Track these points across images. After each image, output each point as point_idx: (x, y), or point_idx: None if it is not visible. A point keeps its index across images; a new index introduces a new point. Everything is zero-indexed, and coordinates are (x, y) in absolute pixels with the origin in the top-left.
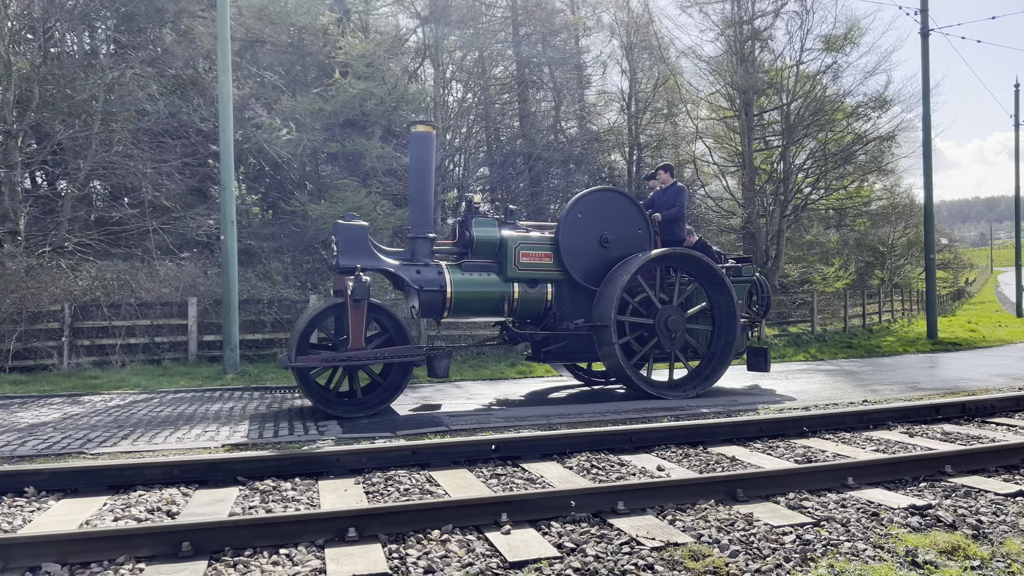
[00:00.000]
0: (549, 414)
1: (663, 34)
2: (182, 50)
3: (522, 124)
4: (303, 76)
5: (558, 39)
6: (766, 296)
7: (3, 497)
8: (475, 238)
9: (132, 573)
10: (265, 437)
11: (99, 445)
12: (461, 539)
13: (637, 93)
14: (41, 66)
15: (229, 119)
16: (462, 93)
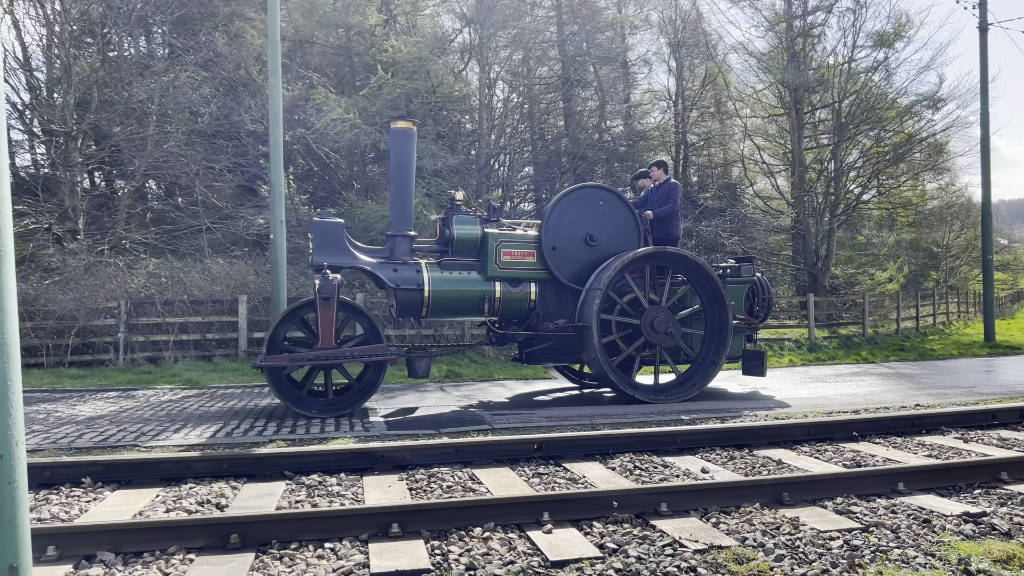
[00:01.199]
0: (592, 414)
1: (711, 30)
2: (233, 52)
3: (567, 123)
4: (350, 77)
5: (603, 37)
6: (767, 298)
7: (61, 487)
8: (455, 236)
9: (183, 563)
10: (312, 433)
11: (152, 438)
12: (503, 537)
13: (684, 91)
14: (99, 69)
15: (279, 120)
16: (507, 93)
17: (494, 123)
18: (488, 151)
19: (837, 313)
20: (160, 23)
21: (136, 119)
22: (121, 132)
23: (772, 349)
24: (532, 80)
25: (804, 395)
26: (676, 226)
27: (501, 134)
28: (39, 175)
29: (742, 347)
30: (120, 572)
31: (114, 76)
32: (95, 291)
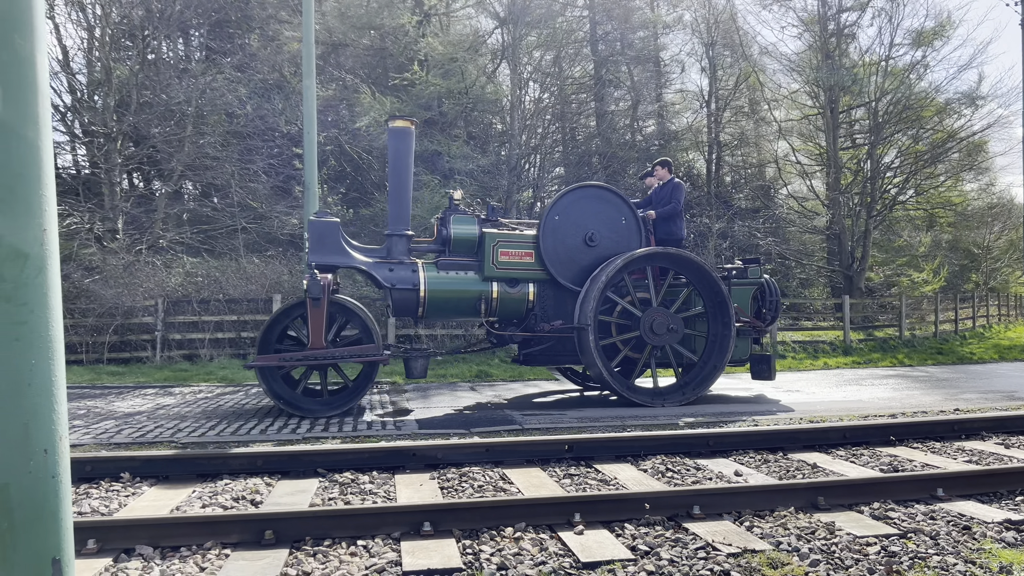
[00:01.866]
0: (623, 415)
1: (745, 31)
2: (269, 55)
3: (598, 123)
4: (383, 78)
5: (636, 37)
6: (774, 300)
7: (101, 482)
8: (452, 235)
9: (219, 558)
10: (344, 431)
11: (188, 435)
12: (534, 537)
13: (717, 91)
14: (139, 72)
15: (313, 121)
16: (538, 93)
17: (525, 123)
18: (519, 152)
19: (873, 315)
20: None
21: (174, 121)
22: (159, 133)
23: (806, 351)
24: (564, 80)
25: (838, 398)
26: (680, 226)
27: (532, 135)
28: (80, 176)
29: (748, 350)
30: (158, 566)
31: (153, 78)
32: (133, 289)
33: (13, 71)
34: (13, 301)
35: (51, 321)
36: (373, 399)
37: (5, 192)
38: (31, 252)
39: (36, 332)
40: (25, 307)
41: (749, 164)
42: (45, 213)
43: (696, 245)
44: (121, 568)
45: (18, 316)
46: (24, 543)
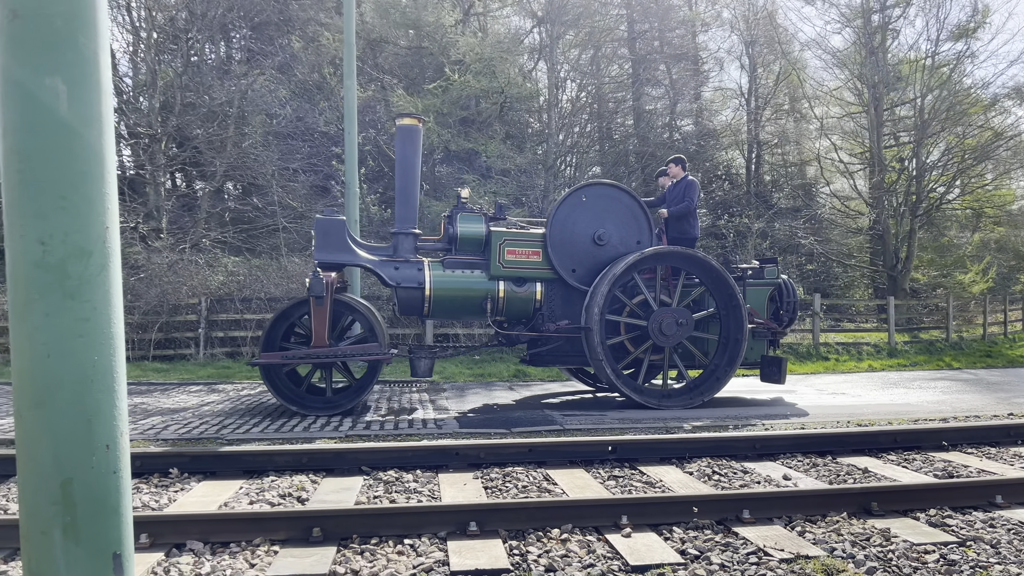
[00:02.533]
0: (665, 417)
1: (785, 27)
2: (309, 56)
3: (636, 122)
4: (420, 78)
5: (674, 35)
6: (792, 302)
7: (151, 477)
8: (459, 234)
9: (267, 554)
10: (386, 429)
11: (234, 431)
12: (581, 539)
13: (757, 89)
14: (182, 74)
15: (354, 121)
16: (576, 91)
17: (562, 122)
18: (556, 151)
19: (918, 317)
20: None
21: (216, 122)
22: (202, 134)
23: (849, 353)
24: (601, 79)
25: (885, 401)
26: (693, 225)
27: (569, 133)
28: (126, 176)
29: (764, 352)
30: (208, 561)
31: (196, 80)
32: (177, 288)
33: (77, 70)
34: (77, 298)
35: (113, 318)
36: (413, 397)
37: (69, 190)
38: (94, 250)
39: (99, 329)
40: (88, 304)
41: (790, 163)
42: (107, 211)
43: (736, 245)
44: (173, 563)
45: (82, 313)
46: (86, 537)
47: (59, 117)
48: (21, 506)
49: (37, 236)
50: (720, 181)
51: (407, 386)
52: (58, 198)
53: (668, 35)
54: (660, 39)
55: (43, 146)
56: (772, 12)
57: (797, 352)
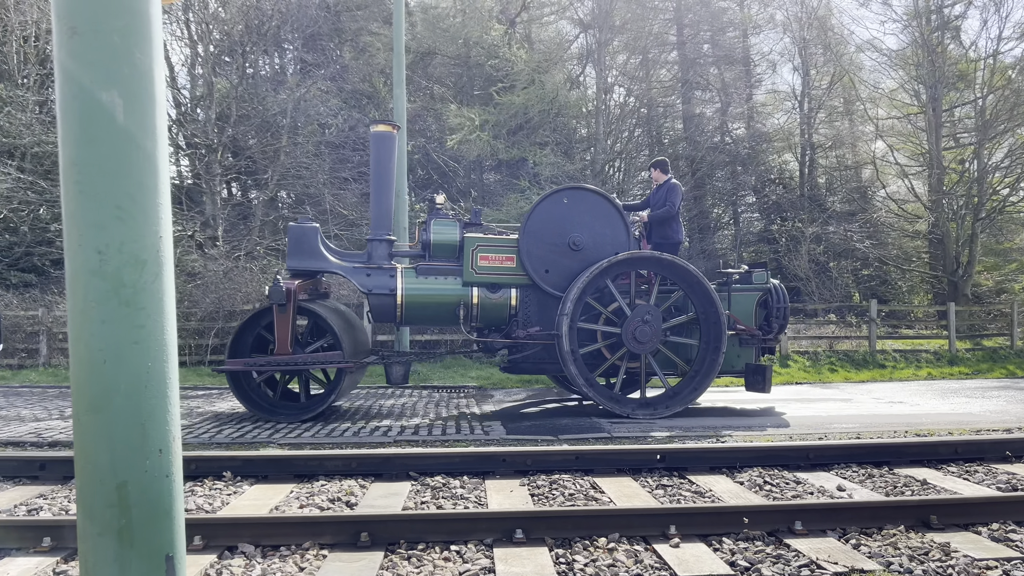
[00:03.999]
0: (716, 425)
1: (840, 28)
2: (359, 66)
3: (685, 126)
4: (469, 87)
5: (725, 38)
6: (782, 308)
7: (205, 480)
8: (432, 240)
9: (316, 558)
10: (434, 434)
11: (285, 436)
12: (628, 549)
13: (810, 91)
14: (238, 86)
15: (403, 130)
16: (623, 97)
17: (610, 128)
18: (604, 156)
19: (981, 324)
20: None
21: (270, 132)
22: (256, 144)
23: (907, 360)
24: (650, 83)
25: (945, 410)
26: (676, 230)
27: (617, 139)
28: (184, 185)
29: (752, 360)
30: (259, 564)
31: (251, 92)
32: (232, 294)
33: (134, 84)
34: (132, 306)
35: (166, 325)
36: (460, 402)
37: (126, 200)
38: (148, 258)
39: (153, 336)
40: (143, 311)
41: (844, 165)
42: (161, 221)
43: (788, 249)
44: (225, 565)
45: (136, 320)
46: (140, 539)
47: (116, 129)
48: (79, 508)
49: (94, 245)
50: (772, 185)
51: (455, 391)
52: (114, 208)
53: (718, 38)
54: (711, 42)
55: (100, 158)
56: (825, 14)
57: (853, 359)
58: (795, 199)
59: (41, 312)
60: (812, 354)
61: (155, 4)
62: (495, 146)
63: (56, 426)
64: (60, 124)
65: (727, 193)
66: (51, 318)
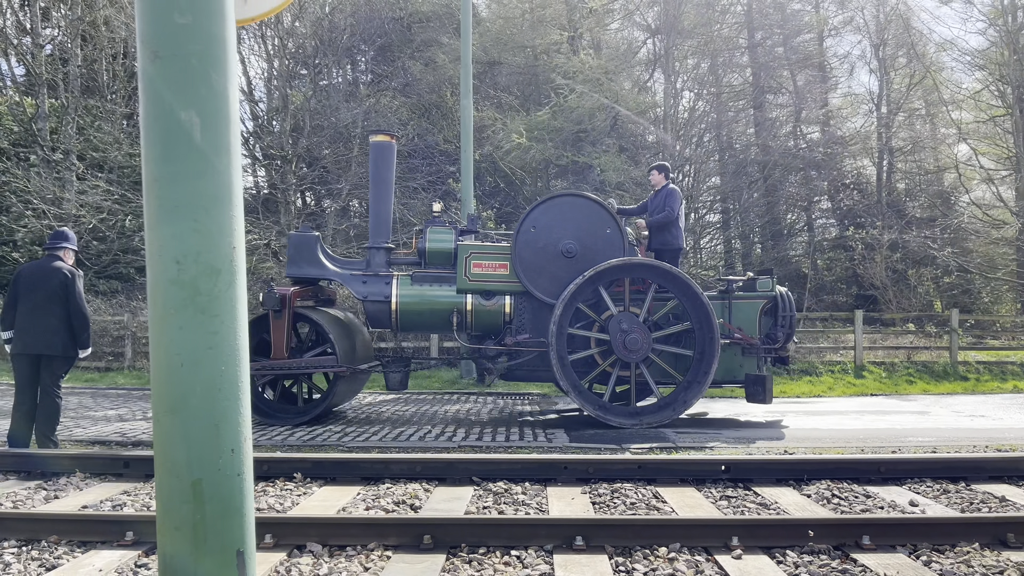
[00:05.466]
0: (783, 435)
1: (919, 28)
2: (428, 77)
3: (757, 131)
4: (536, 95)
5: (798, 40)
6: (788, 316)
7: (276, 480)
8: (427, 248)
9: (381, 559)
10: (497, 440)
11: (354, 439)
12: (689, 559)
13: (889, 93)
14: (311, 98)
15: (470, 139)
16: (693, 102)
17: (679, 134)
18: (672, 162)
19: None
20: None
21: (342, 142)
22: (329, 155)
23: (991, 372)
24: (720, 88)
25: None
26: (675, 236)
27: (686, 145)
28: (260, 195)
29: (755, 370)
30: (327, 564)
31: (324, 103)
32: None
33: (210, 104)
34: (207, 312)
35: (239, 331)
36: (523, 409)
37: (201, 214)
38: (222, 268)
39: (226, 341)
40: (217, 318)
41: (925, 170)
42: (234, 232)
43: (864, 257)
44: (294, 563)
45: (211, 326)
46: (213, 535)
47: (193, 147)
48: (158, 503)
49: (173, 256)
50: (848, 190)
51: (518, 397)
52: (191, 221)
53: (792, 41)
54: (784, 45)
55: (179, 174)
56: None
57: (932, 371)
58: (872, 205)
59: (126, 317)
60: (888, 365)
61: (230, 28)
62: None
63: (139, 426)
64: (143, 143)
65: (800, 199)
66: (135, 323)
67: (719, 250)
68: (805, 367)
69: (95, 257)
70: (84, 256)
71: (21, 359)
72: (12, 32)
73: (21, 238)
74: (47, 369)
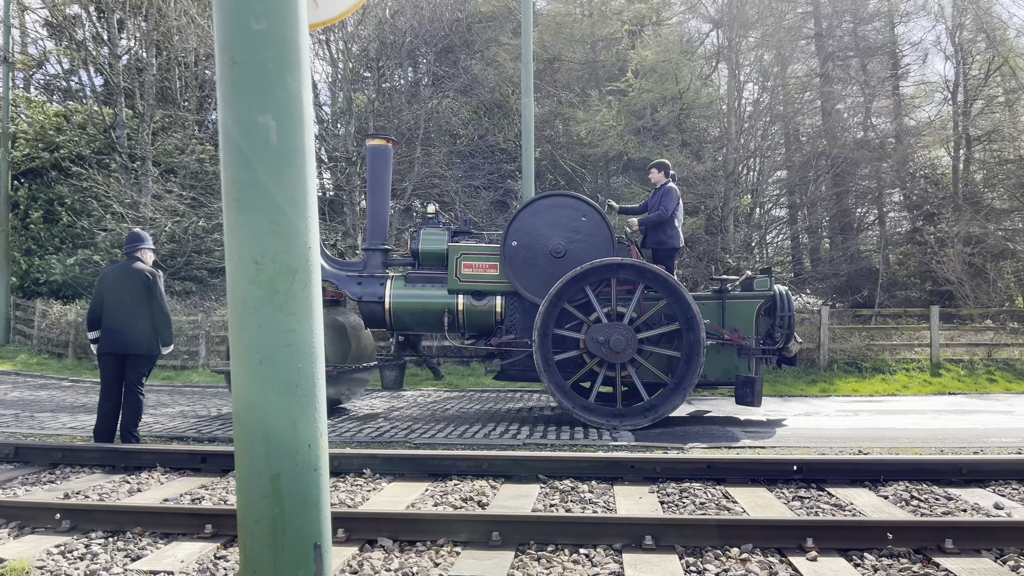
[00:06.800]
0: (857, 435)
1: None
2: (488, 76)
3: (824, 122)
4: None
5: (868, 28)
6: (785, 316)
7: (347, 476)
8: (420, 249)
9: (450, 555)
10: (562, 439)
11: (420, 436)
12: (762, 560)
13: (965, 81)
14: (375, 100)
15: (531, 137)
16: (758, 94)
17: (743, 126)
18: (737, 156)
19: None
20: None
21: (404, 143)
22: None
23: None
24: (786, 79)
25: None
26: (671, 235)
27: (751, 137)
28: (326, 197)
29: (750, 372)
30: (397, 558)
31: (387, 105)
32: None
33: (285, 108)
34: (284, 311)
35: (314, 329)
36: None
37: (278, 215)
38: (298, 267)
39: (303, 339)
40: (294, 317)
41: (1005, 160)
42: (310, 232)
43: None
44: (366, 557)
45: (288, 325)
46: (291, 528)
47: (269, 149)
48: (239, 497)
49: (252, 256)
50: (922, 181)
51: None
52: (269, 223)
53: (862, 28)
54: (853, 33)
55: (256, 176)
56: None
57: (1015, 369)
58: (947, 196)
59: (200, 317)
60: (968, 363)
61: (303, 33)
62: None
63: (214, 423)
64: (222, 147)
65: (871, 192)
66: (209, 323)
67: (786, 246)
68: (877, 365)
69: (170, 258)
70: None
71: (107, 358)
72: (91, 44)
73: (101, 241)
74: (131, 367)
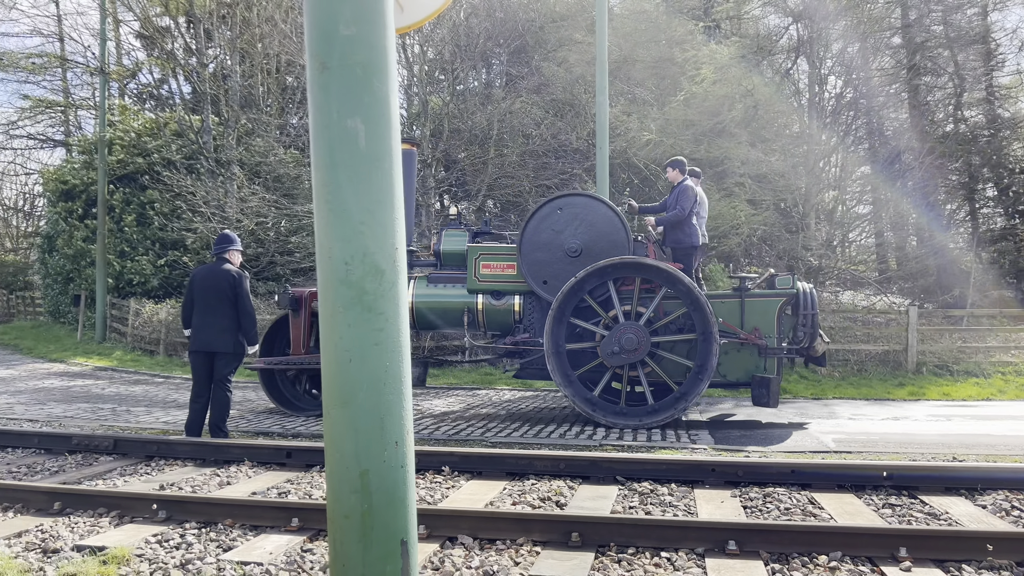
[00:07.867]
0: (950, 441)
1: None
2: (561, 76)
3: (911, 115)
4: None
5: (959, 17)
6: (808, 315)
7: (426, 473)
8: (442, 250)
9: (530, 554)
10: (639, 440)
11: (496, 434)
12: (852, 569)
13: None
14: (449, 102)
15: (605, 136)
16: (840, 88)
17: (825, 121)
18: (818, 151)
19: None
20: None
21: (478, 145)
22: (466, 158)
23: None
24: (870, 72)
25: None
26: (688, 233)
27: (833, 132)
28: None
29: (770, 372)
30: (478, 556)
31: (461, 107)
32: None
33: (373, 111)
34: (373, 311)
35: (401, 328)
36: None
37: (367, 216)
38: (386, 267)
39: (391, 338)
40: (382, 316)
41: None
42: (396, 233)
43: None
44: (447, 554)
45: (376, 324)
46: (379, 524)
47: (358, 152)
48: (328, 492)
49: (342, 257)
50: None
51: None
52: (358, 224)
53: (951, 17)
54: (943, 23)
55: (346, 179)
56: None
57: None
58: None
59: None
60: None
61: (390, 38)
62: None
63: (297, 420)
64: (312, 150)
65: (962, 187)
66: None
67: (869, 244)
68: (970, 368)
69: (254, 259)
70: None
71: (197, 356)
72: (180, 54)
73: (191, 242)
74: (219, 365)
